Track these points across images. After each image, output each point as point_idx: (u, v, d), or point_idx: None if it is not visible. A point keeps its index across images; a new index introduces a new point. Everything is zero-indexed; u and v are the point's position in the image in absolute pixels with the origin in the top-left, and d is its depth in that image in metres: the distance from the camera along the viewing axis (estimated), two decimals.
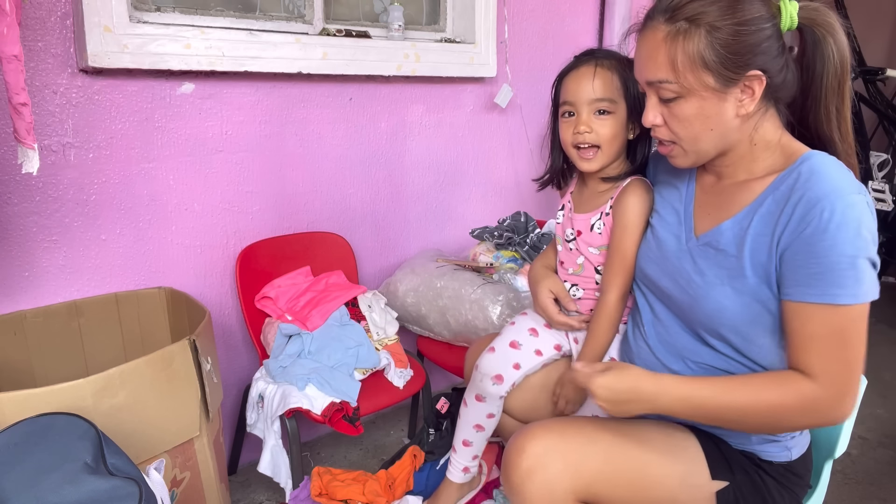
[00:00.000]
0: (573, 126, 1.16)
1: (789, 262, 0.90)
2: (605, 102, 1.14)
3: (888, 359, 2.61)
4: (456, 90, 2.14)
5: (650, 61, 0.94)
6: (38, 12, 1.36)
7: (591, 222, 1.21)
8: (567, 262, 1.28)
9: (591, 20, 2.50)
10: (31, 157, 1.07)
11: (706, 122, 0.94)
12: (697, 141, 0.96)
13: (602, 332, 1.19)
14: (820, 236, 0.86)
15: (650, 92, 0.98)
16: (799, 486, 1.06)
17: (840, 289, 0.86)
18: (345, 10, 1.95)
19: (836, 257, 0.86)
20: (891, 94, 3.65)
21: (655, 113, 0.97)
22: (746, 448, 1.03)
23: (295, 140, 1.80)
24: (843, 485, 1.83)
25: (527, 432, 1.03)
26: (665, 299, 1.08)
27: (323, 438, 2.03)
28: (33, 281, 1.45)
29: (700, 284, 0.99)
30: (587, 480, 0.98)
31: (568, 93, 1.17)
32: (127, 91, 1.50)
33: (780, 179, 0.94)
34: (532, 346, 1.30)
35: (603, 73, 1.14)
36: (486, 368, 1.29)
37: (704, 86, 0.91)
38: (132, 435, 1.12)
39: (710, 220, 1.02)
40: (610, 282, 1.17)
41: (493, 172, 2.33)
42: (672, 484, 1.00)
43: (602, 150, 1.15)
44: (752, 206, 0.96)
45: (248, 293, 1.74)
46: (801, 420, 0.94)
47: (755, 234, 0.94)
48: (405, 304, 1.87)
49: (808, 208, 0.87)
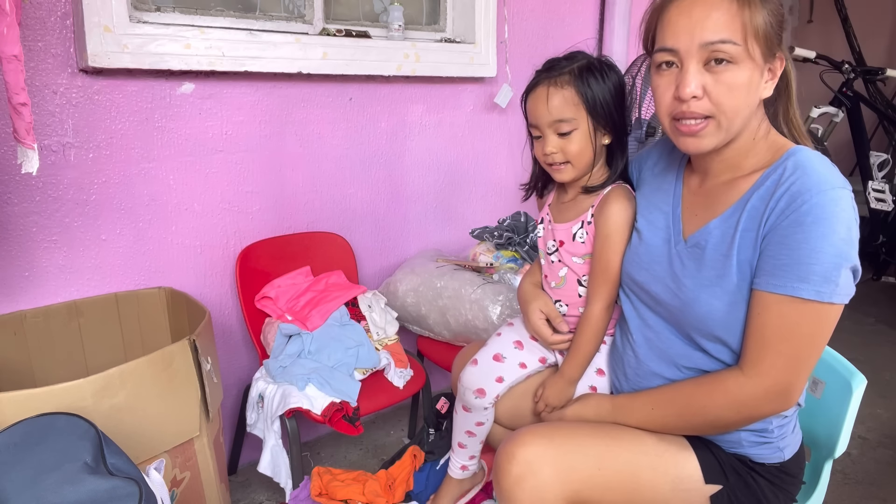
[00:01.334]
0: (541, 146, 1.16)
1: (764, 252, 0.90)
2: (564, 123, 1.12)
3: (888, 359, 2.61)
4: (456, 90, 2.14)
5: (711, 19, 0.88)
6: (38, 12, 1.36)
7: (573, 231, 1.19)
8: (550, 275, 1.26)
9: (591, 20, 2.50)
10: (31, 157, 1.07)
11: (749, 95, 0.91)
12: (737, 115, 0.91)
13: (585, 342, 1.17)
14: (795, 228, 0.86)
15: (695, 57, 0.90)
16: (793, 485, 1.06)
17: (803, 283, 0.85)
18: (345, 10, 1.95)
19: (807, 251, 0.85)
20: (891, 94, 3.65)
21: (697, 82, 0.90)
22: (739, 452, 1.03)
23: (295, 140, 1.80)
24: (843, 485, 1.83)
25: (517, 438, 1.02)
26: (655, 305, 1.06)
27: (323, 438, 2.03)
28: (33, 281, 1.45)
29: (690, 287, 0.98)
30: (577, 486, 0.98)
31: (531, 115, 1.16)
32: (127, 91, 1.50)
33: (766, 175, 0.93)
34: (516, 359, 1.28)
35: (556, 92, 1.11)
36: (468, 382, 1.27)
37: (754, 56, 0.90)
38: (132, 435, 1.12)
39: (698, 221, 1.01)
40: (594, 292, 1.15)
41: (493, 172, 2.33)
42: (664, 489, 1.00)
43: (572, 163, 1.14)
44: (739, 203, 0.95)
45: (248, 293, 1.74)
46: (735, 416, 0.95)
47: (742, 230, 0.93)
48: (405, 304, 1.87)
49: (790, 201, 0.87)
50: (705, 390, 0.97)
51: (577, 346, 1.18)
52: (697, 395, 0.98)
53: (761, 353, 0.90)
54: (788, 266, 0.86)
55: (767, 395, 0.91)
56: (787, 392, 0.91)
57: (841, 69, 3.14)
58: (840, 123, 3.25)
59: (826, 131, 3.25)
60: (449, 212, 2.24)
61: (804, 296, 0.86)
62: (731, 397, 0.93)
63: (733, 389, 0.93)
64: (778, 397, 0.91)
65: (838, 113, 3.20)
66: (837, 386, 1.14)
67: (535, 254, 1.94)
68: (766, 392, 0.91)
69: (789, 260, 0.86)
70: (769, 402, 0.92)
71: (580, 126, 1.12)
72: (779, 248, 0.87)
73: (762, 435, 1.01)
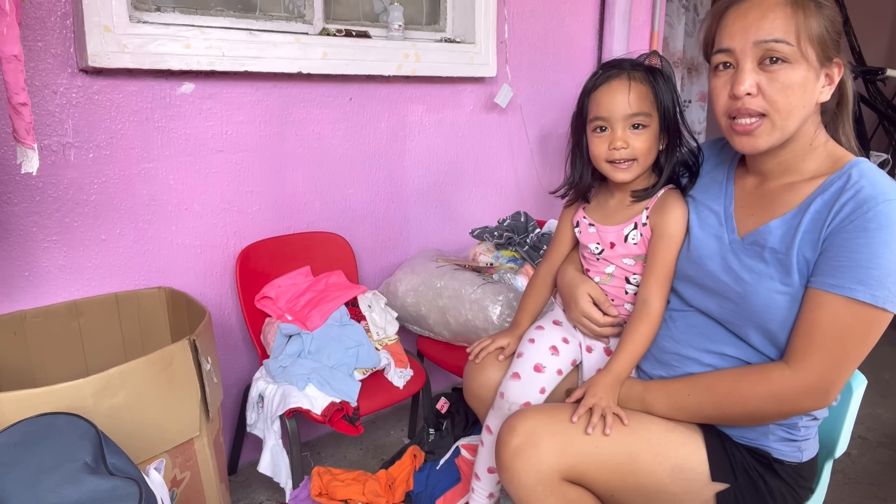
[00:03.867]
0: (607, 142, 1.14)
1: (824, 253, 0.92)
2: (641, 116, 1.12)
3: (888, 359, 2.61)
4: (456, 90, 2.14)
5: (766, 20, 0.92)
6: (38, 12, 1.36)
7: (625, 233, 1.19)
8: (593, 270, 1.26)
9: (591, 20, 2.50)
10: (31, 157, 1.07)
11: (804, 95, 0.94)
12: (791, 114, 0.94)
13: (639, 338, 1.13)
14: (858, 233, 0.88)
15: (749, 56, 0.94)
16: (804, 489, 1.07)
17: (860, 285, 0.87)
18: (345, 10, 1.95)
19: (867, 255, 0.87)
20: (891, 94, 3.65)
21: (752, 81, 0.93)
22: (762, 445, 1.03)
23: (295, 140, 1.80)
24: (843, 485, 1.83)
25: (519, 413, 1.06)
26: (704, 296, 1.07)
27: (323, 438, 2.03)
28: (33, 281, 1.45)
29: (749, 281, 0.99)
30: (573, 460, 1.00)
31: (601, 108, 1.14)
32: (127, 91, 1.50)
33: (830, 182, 0.95)
34: (555, 366, 1.26)
35: (637, 86, 1.12)
36: (515, 397, 1.24)
37: (808, 58, 0.92)
38: (132, 435, 1.12)
39: (755, 221, 1.03)
40: (653, 290, 1.14)
41: (493, 172, 2.33)
42: (662, 475, 1.01)
43: (638, 161, 1.15)
44: (802, 206, 0.97)
45: (248, 293, 1.74)
46: (774, 409, 0.96)
47: (804, 231, 0.95)
48: (405, 304, 1.87)
49: (855, 207, 0.89)
50: (749, 381, 0.98)
51: (630, 342, 1.14)
52: (740, 384, 0.98)
53: (810, 350, 0.92)
54: (847, 268, 0.88)
55: (811, 391, 0.93)
56: (828, 390, 0.93)
57: None
58: None
59: None
60: (449, 212, 2.24)
61: (859, 298, 0.88)
62: (775, 390, 0.94)
63: (778, 382, 0.94)
64: (820, 394, 0.93)
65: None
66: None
67: (535, 254, 1.94)
68: (810, 388, 0.93)
69: (849, 262, 0.88)
70: (811, 398, 0.94)
71: (651, 125, 1.14)
72: (839, 251, 0.90)
73: (790, 431, 1.02)
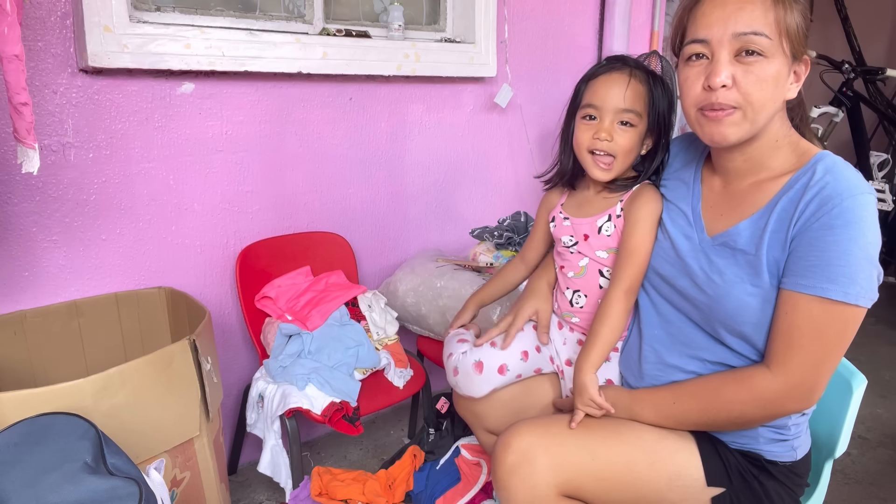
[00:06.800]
0: (593, 130, 1.14)
1: (793, 253, 0.91)
2: (632, 115, 1.12)
3: (888, 359, 2.61)
4: (456, 90, 2.14)
5: (744, 11, 0.91)
6: (38, 12, 1.36)
7: (598, 224, 1.19)
8: (567, 266, 1.24)
9: (591, 20, 2.50)
10: (32, 157, 1.07)
11: (776, 90, 0.93)
12: (763, 108, 0.93)
13: (602, 327, 1.10)
14: (825, 231, 0.87)
15: (726, 47, 0.92)
16: (800, 486, 1.07)
17: (832, 283, 0.87)
18: (345, 10, 1.95)
19: (836, 253, 0.87)
20: (891, 94, 3.65)
21: (728, 72, 0.91)
22: (753, 448, 1.03)
23: (295, 140, 1.80)
24: (843, 485, 1.83)
25: (513, 429, 1.04)
26: (679, 300, 1.07)
27: (323, 438, 2.03)
28: (33, 281, 1.45)
29: (720, 283, 0.98)
30: (570, 475, 0.99)
31: (595, 96, 1.14)
32: (127, 91, 1.50)
33: (795, 178, 0.95)
34: (516, 371, 1.25)
35: (636, 84, 1.12)
36: (466, 387, 1.24)
37: (785, 52, 0.92)
38: (132, 435, 1.12)
39: (724, 221, 1.02)
40: (616, 275, 1.12)
41: (493, 172, 2.33)
42: (660, 484, 1.01)
43: (617, 160, 1.14)
44: (768, 206, 0.96)
45: (248, 293, 1.74)
46: (759, 413, 0.96)
47: (771, 231, 0.94)
48: (405, 304, 1.87)
49: (821, 204, 0.89)
50: (731, 387, 0.97)
51: (595, 333, 1.12)
52: (723, 390, 0.98)
53: (789, 353, 0.91)
54: (817, 267, 0.88)
55: (793, 393, 0.93)
56: (811, 391, 0.93)
57: (841, 69, 3.14)
58: (840, 123, 3.25)
59: (826, 131, 3.25)
60: (449, 212, 2.24)
61: (832, 297, 0.87)
62: (758, 394, 0.94)
63: (760, 387, 0.94)
64: (803, 396, 0.93)
65: (838, 113, 3.21)
66: (837, 386, 1.14)
67: None
68: (792, 390, 0.93)
69: (818, 261, 0.88)
70: (794, 400, 0.94)
71: (639, 126, 1.14)
72: (808, 250, 0.89)
73: (780, 432, 1.02)
